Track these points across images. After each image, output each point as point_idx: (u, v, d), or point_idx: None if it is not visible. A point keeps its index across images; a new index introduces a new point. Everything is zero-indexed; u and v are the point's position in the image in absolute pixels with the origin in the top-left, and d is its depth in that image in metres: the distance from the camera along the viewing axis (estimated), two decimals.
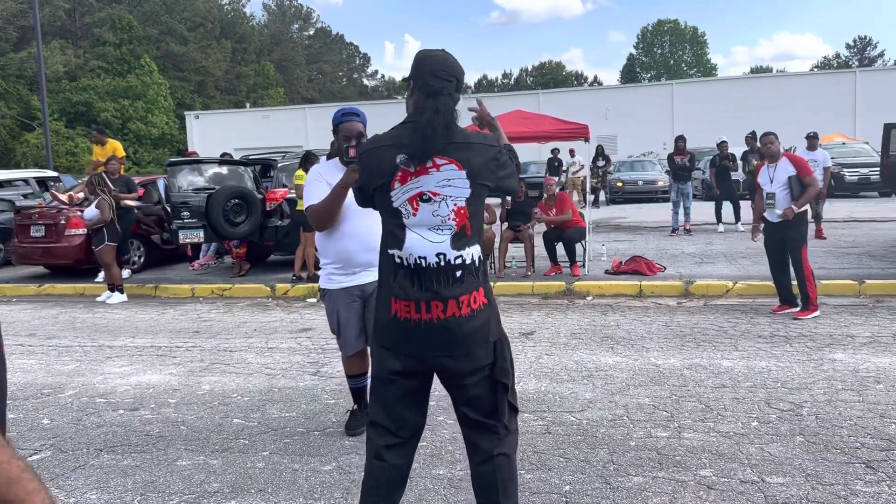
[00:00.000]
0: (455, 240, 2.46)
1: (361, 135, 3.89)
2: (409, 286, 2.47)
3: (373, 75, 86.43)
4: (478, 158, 2.49)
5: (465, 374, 2.50)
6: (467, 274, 2.46)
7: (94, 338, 7.28)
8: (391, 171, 2.50)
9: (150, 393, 5.27)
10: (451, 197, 2.46)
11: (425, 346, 2.48)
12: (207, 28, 61.50)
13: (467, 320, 2.44)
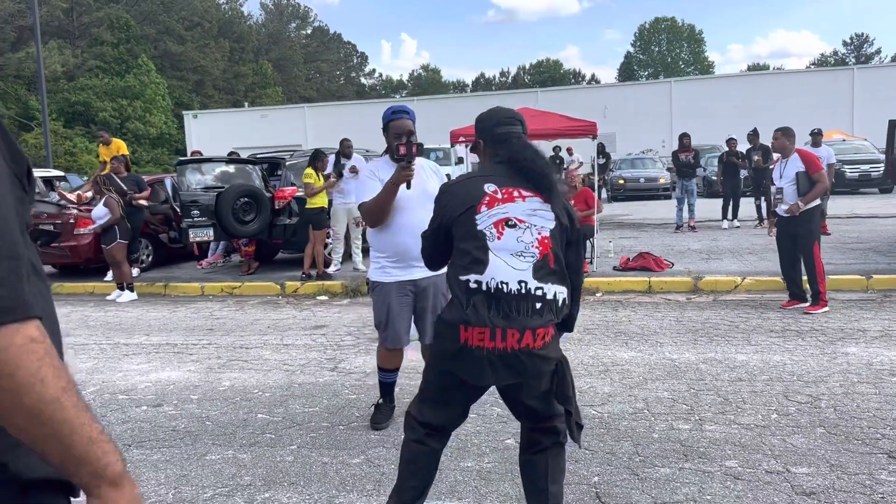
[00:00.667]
0: (537, 269, 2.52)
1: (411, 132, 3.95)
2: (486, 311, 2.48)
3: (370, 74, 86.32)
4: (559, 200, 2.65)
5: (530, 398, 2.64)
6: (547, 308, 2.52)
7: (109, 336, 7.32)
8: (478, 196, 2.59)
9: (172, 389, 5.32)
10: (535, 226, 2.57)
11: (495, 374, 2.53)
12: (205, 27, 61.40)
13: (538, 352, 2.51)
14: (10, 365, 0.90)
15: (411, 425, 2.78)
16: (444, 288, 3.91)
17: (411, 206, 3.92)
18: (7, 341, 0.90)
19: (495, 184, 2.62)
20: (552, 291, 2.53)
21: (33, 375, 0.93)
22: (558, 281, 2.56)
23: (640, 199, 22.43)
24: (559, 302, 2.54)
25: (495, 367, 2.49)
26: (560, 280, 2.56)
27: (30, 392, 0.93)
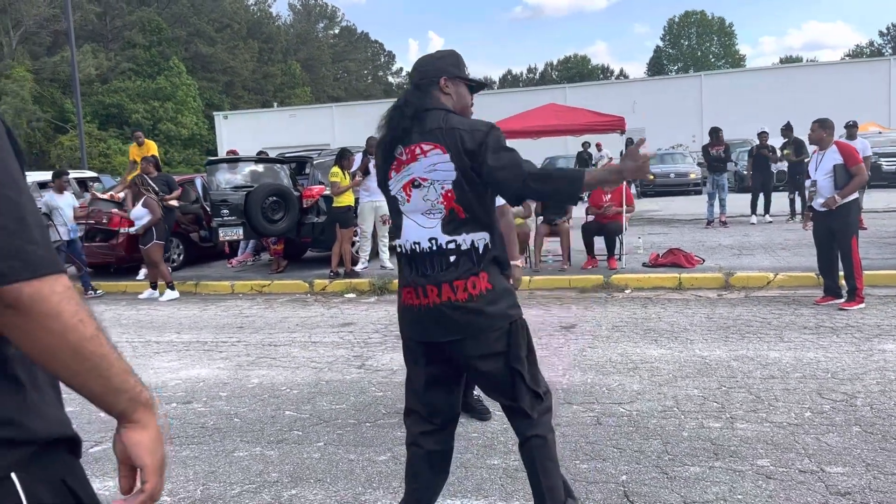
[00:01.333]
0: (446, 224, 2.50)
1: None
2: (409, 272, 2.58)
3: (398, 73, 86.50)
4: (462, 140, 2.49)
5: (475, 358, 2.56)
6: (463, 259, 2.49)
7: (141, 334, 7.42)
8: (390, 160, 2.63)
9: (201, 386, 5.37)
10: (438, 181, 2.53)
11: (427, 331, 2.57)
12: (234, 29, 62.04)
13: (464, 305, 2.48)
14: (58, 307, 1.05)
15: (405, 422, 2.78)
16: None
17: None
18: (52, 288, 1.05)
19: (402, 144, 2.59)
20: (467, 241, 2.50)
21: (75, 315, 1.07)
22: (474, 229, 2.51)
23: (671, 195, 22.17)
24: (479, 249, 2.51)
25: (425, 323, 2.54)
26: (476, 227, 2.51)
27: (74, 330, 1.07)
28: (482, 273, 2.50)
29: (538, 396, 2.62)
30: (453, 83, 2.64)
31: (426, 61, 2.69)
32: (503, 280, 2.58)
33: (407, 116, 2.55)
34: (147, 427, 1.23)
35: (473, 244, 2.51)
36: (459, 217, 2.49)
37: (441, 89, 2.62)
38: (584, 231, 9.49)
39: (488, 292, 2.50)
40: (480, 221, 2.52)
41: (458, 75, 2.67)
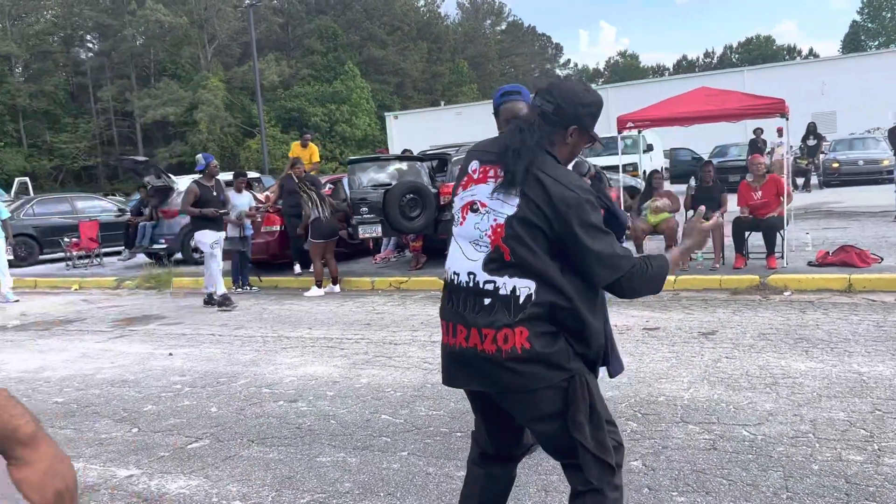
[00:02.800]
0: (489, 261, 2.15)
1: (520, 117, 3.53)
2: (446, 304, 2.29)
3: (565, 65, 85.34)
4: (545, 189, 2.09)
5: (522, 418, 2.24)
6: (498, 305, 2.11)
7: (276, 329, 7.67)
8: (464, 174, 2.32)
9: (312, 385, 5.39)
10: (493, 211, 2.16)
11: (451, 375, 2.28)
12: (405, 31, 64.08)
13: (490, 357, 2.11)
14: None
15: (471, 446, 2.49)
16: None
17: None
18: None
19: (479, 160, 2.27)
20: (508, 286, 2.11)
21: None
22: (521, 274, 2.10)
23: (859, 184, 19.88)
24: (519, 298, 2.09)
25: (450, 367, 2.26)
26: (523, 273, 2.10)
27: None
28: (520, 328, 2.08)
29: (608, 468, 2.18)
30: (579, 135, 2.25)
31: (569, 97, 2.23)
32: (554, 341, 2.12)
33: (528, 145, 2.15)
34: (31, 463, 1.17)
35: (514, 291, 2.10)
36: (504, 258, 2.11)
37: (564, 137, 2.23)
38: (736, 226, 8.62)
39: (524, 352, 2.08)
40: (528, 269, 2.10)
41: (589, 130, 2.27)
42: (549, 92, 2.24)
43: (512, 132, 2.22)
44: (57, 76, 54.93)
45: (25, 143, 52.37)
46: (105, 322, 8.81)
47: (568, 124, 2.21)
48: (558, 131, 2.21)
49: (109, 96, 53.45)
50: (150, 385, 5.67)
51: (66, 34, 56.65)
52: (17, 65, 55.30)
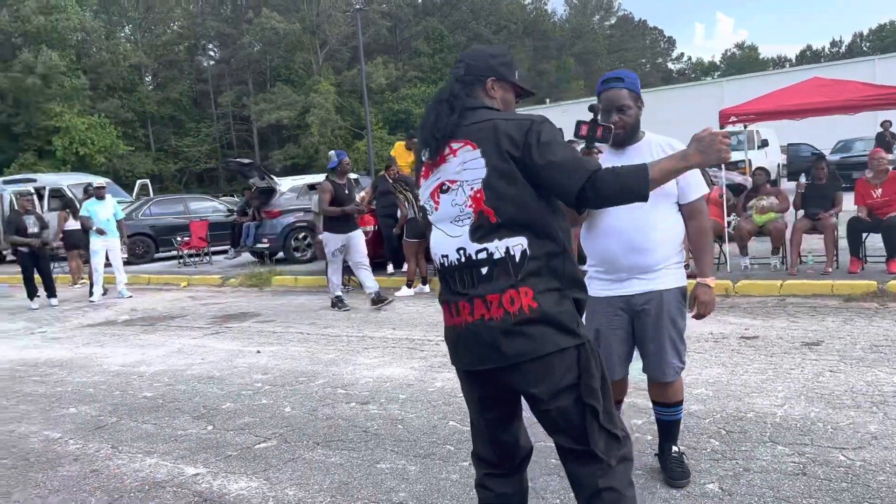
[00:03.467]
0: (474, 230, 2.13)
1: (623, 107, 3.10)
2: (443, 288, 2.28)
3: (678, 59, 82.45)
4: (494, 135, 2.11)
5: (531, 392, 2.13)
6: (497, 270, 2.10)
7: (361, 328, 7.71)
8: (419, 168, 2.33)
9: (386, 387, 5.34)
10: (467, 182, 2.15)
11: (462, 356, 2.22)
12: (511, 29, 63.76)
13: (500, 324, 2.06)
14: None
15: (474, 468, 2.42)
16: (674, 307, 3.15)
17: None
18: None
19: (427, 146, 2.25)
20: (501, 247, 2.10)
21: None
22: (510, 233, 2.10)
23: None
24: (515, 256, 2.09)
25: (459, 346, 2.21)
26: (512, 231, 2.10)
27: None
28: (523, 288, 2.08)
29: (615, 438, 2.13)
30: (501, 86, 2.30)
31: (476, 55, 2.33)
32: (560, 300, 2.12)
33: (456, 111, 2.19)
34: None
35: (508, 252, 2.10)
36: (490, 221, 2.11)
37: (486, 91, 2.27)
38: (851, 227, 7.92)
39: (532, 311, 2.07)
40: (516, 224, 2.10)
41: (508, 79, 2.31)
42: (460, 59, 2.32)
43: (428, 106, 2.27)
44: (182, 84, 58.14)
45: (153, 147, 55.79)
46: (205, 319, 9.15)
47: (483, 76, 2.25)
48: (477, 89, 2.25)
49: (228, 102, 56.07)
50: (232, 382, 5.80)
51: (191, 44, 59.90)
52: (146, 74, 59.07)
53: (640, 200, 2.16)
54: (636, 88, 3.18)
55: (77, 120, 47.26)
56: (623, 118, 3.12)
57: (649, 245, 3.09)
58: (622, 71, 3.33)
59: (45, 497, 3.70)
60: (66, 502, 3.61)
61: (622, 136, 3.15)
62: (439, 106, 2.22)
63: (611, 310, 3.22)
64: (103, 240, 11.37)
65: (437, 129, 2.18)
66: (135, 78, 56.04)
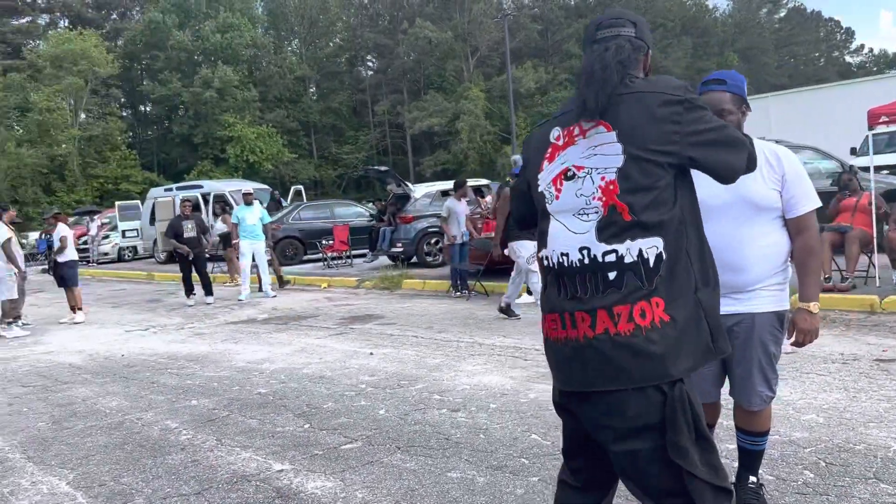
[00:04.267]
0: (603, 228, 1.85)
1: (722, 112, 2.85)
2: (555, 294, 1.96)
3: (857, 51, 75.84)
4: (638, 113, 1.84)
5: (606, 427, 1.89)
6: (628, 275, 1.83)
7: (473, 334, 7.77)
8: (544, 149, 2.05)
9: (481, 395, 5.36)
10: (596, 169, 1.88)
11: (573, 376, 1.94)
12: (668, 27, 61.56)
13: (630, 340, 1.81)
14: None
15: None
16: (767, 332, 2.90)
17: (709, 217, 3.06)
18: None
19: (560, 126, 2.00)
20: (633, 250, 1.81)
21: None
22: (644, 232, 1.81)
23: None
24: (649, 261, 1.81)
25: (571, 365, 1.91)
26: (648, 230, 1.81)
27: None
28: (656, 298, 1.81)
29: (722, 492, 1.87)
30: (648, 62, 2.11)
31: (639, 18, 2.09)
32: (694, 311, 1.86)
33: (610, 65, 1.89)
34: None
35: (642, 255, 1.82)
36: (623, 219, 1.83)
37: (645, 62, 2.07)
38: None
39: (664, 326, 1.80)
40: (652, 222, 1.83)
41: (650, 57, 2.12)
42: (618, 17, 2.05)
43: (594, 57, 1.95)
44: (342, 94, 61.26)
45: (315, 155, 59.15)
46: (334, 319, 9.60)
47: (646, 47, 2.06)
48: (641, 56, 2.03)
49: (385, 110, 58.39)
50: (340, 383, 6.05)
51: (351, 55, 62.98)
52: (310, 85, 62.75)
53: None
54: (740, 92, 2.96)
55: (247, 130, 51.01)
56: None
57: (742, 262, 2.84)
58: (726, 72, 3.11)
59: (148, 481, 4.05)
60: (163, 488, 3.94)
61: None
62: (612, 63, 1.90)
63: None
64: (250, 242, 12.22)
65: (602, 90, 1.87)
66: (300, 89, 59.67)
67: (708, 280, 1.92)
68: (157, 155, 57.58)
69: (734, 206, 2.81)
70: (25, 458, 4.60)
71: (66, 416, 5.53)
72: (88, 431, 5.09)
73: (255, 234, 12.27)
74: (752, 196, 2.80)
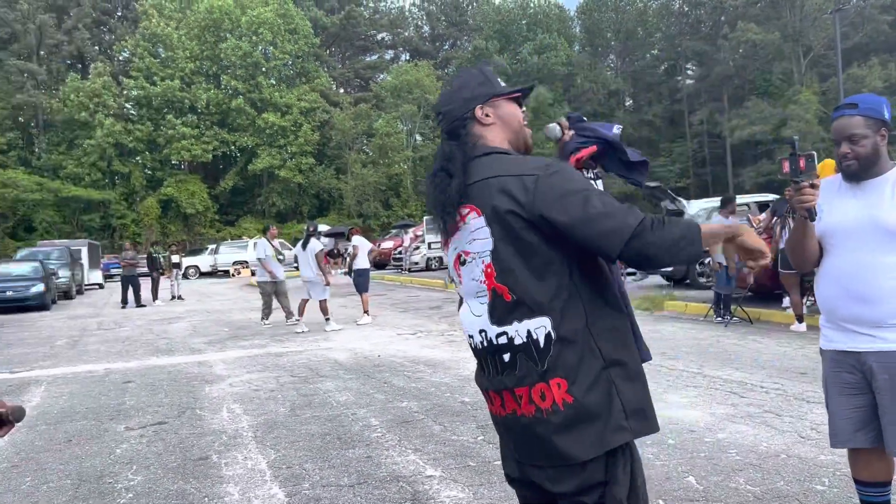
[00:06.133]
0: (493, 311, 1.87)
1: (853, 137, 2.66)
2: (479, 372, 2.05)
3: None
4: (500, 193, 1.81)
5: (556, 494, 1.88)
6: (521, 357, 1.83)
7: (703, 364, 7.24)
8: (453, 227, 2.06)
9: (667, 429, 5.02)
10: (479, 254, 1.88)
11: (514, 450, 1.97)
12: None
13: (532, 422, 1.83)
14: None
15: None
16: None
17: (838, 244, 2.80)
18: None
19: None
20: (521, 331, 1.81)
21: None
22: (528, 314, 1.80)
23: None
24: (539, 341, 1.79)
25: (506, 439, 1.98)
26: (530, 311, 1.80)
27: None
28: (556, 379, 1.79)
29: None
30: (491, 107, 2.00)
31: (447, 99, 2.05)
32: (603, 391, 1.80)
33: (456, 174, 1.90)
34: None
35: (531, 336, 1.80)
36: (504, 301, 1.83)
37: (480, 122, 1.98)
38: None
39: (567, 408, 1.78)
40: (536, 302, 1.80)
41: (494, 93, 2.01)
42: (437, 114, 2.06)
43: (427, 177, 2.00)
44: (657, 106, 59.94)
45: None
46: None
47: (466, 114, 1.98)
48: (471, 126, 1.98)
49: (703, 119, 55.72)
50: None
51: (669, 65, 61.31)
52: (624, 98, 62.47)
53: (689, 263, 1.93)
54: (875, 114, 2.68)
55: None
56: (854, 149, 2.69)
57: (877, 294, 2.60)
58: (862, 95, 2.78)
59: (322, 470, 4.59)
60: (328, 477, 4.44)
61: (854, 168, 2.72)
62: (436, 178, 1.94)
63: (839, 367, 2.79)
64: None
65: (438, 203, 1.92)
66: (612, 103, 59.77)
67: (622, 357, 1.85)
68: None
69: (865, 232, 2.64)
70: (253, 436, 5.49)
71: (302, 406, 6.44)
72: (309, 420, 5.88)
73: None
74: (886, 222, 2.58)
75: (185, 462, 4.87)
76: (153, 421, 6.08)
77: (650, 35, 61.17)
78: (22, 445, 5.47)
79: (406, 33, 65.49)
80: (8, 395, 7.43)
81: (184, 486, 4.36)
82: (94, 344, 11.56)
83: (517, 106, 2.06)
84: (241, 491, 4.25)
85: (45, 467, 4.89)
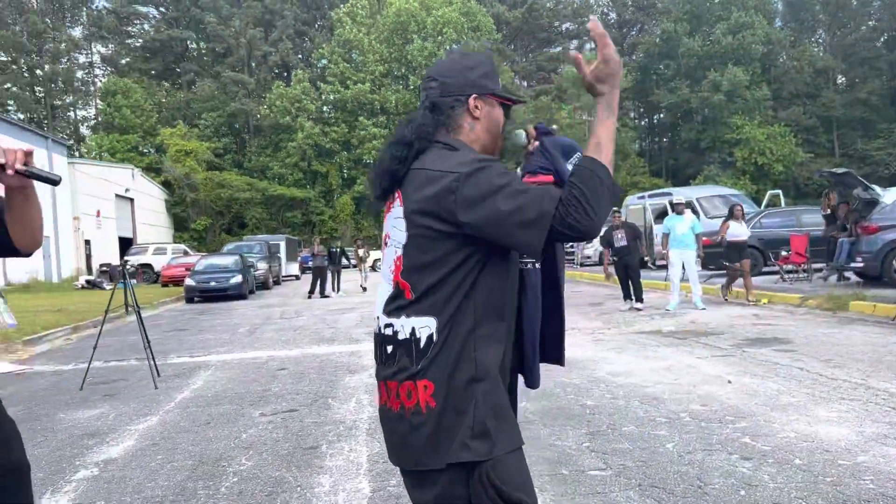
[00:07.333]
0: (389, 301, 1.84)
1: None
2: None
3: None
4: (421, 189, 1.75)
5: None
6: (400, 352, 1.79)
7: (871, 375, 6.37)
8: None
9: (797, 447, 4.49)
10: (395, 242, 1.83)
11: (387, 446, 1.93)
12: None
13: (397, 418, 1.79)
14: None
15: None
16: None
17: None
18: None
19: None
20: (407, 327, 1.77)
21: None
22: (419, 312, 1.76)
23: None
24: (420, 341, 1.75)
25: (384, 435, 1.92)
26: (423, 310, 1.75)
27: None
28: (424, 381, 1.74)
29: None
30: (486, 102, 1.90)
31: (451, 69, 1.92)
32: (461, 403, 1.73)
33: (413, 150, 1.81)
34: None
35: (414, 333, 1.76)
36: (404, 296, 1.79)
37: (470, 111, 1.88)
38: None
39: (429, 412, 1.73)
40: (429, 303, 1.75)
41: (495, 90, 1.91)
42: (430, 77, 1.92)
43: (384, 144, 1.90)
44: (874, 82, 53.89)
45: (837, 153, 53.31)
46: (734, 339, 8.86)
47: (464, 95, 1.87)
48: (458, 112, 1.88)
49: None
50: (664, 408, 5.70)
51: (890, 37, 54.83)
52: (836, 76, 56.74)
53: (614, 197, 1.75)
54: None
55: (757, 131, 48.97)
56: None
57: None
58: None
59: None
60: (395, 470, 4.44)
61: None
62: (396, 146, 1.84)
63: None
64: (679, 252, 12.02)
65: (385, 173, 1.84)
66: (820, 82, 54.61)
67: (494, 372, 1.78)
68: (666, 161, 59.30)
69: None
70: (367, 428, 5.61)
71: None
72: None
73: (686, 243, 12.02)
74: None
75: (296, 450, 5.10)
76: (286, 408, 6.44)
77: (866, 4, 55.03)
78: (169, 425, 6.02)
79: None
80: (179, 377, 8.24)
81: (284, 475, 4.56)
82: (269, 332, 12.51)
83: (503, 113, 1.97)
84: (332, 482, 4.36)
85: (178, 447, 5.34)
